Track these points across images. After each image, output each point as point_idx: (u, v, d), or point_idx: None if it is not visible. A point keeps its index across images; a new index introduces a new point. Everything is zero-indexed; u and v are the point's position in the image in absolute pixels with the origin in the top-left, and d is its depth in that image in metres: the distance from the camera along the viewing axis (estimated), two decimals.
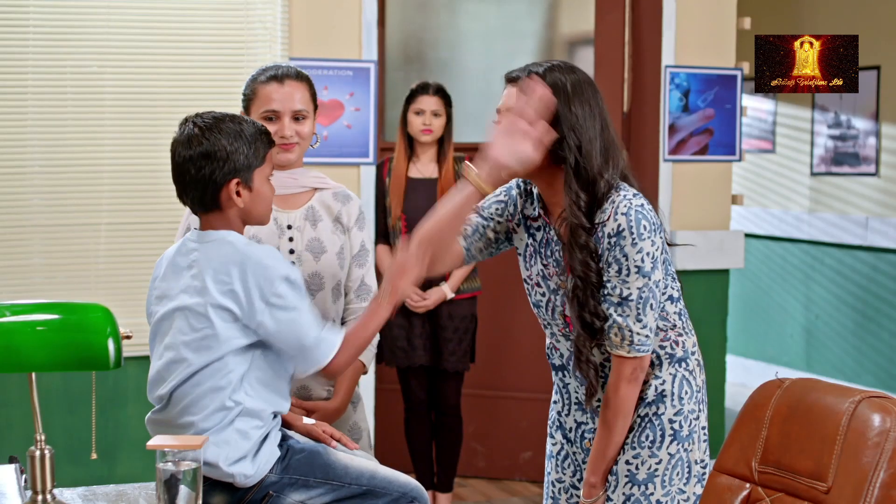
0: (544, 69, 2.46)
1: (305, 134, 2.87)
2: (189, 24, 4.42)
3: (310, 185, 2.93)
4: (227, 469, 2.33)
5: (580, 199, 2.40)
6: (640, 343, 2.41)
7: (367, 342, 2.46)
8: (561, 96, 2.42)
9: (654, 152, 5.13)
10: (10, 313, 2.47)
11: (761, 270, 7.65)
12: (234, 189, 2.39)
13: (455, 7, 5.82)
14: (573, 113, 2.41)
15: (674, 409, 2.48)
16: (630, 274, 2.38)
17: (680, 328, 2.52)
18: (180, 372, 2.36)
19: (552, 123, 2.40)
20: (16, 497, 2.40)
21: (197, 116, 2.44)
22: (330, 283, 2.87)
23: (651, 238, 2.37)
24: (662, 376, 2.49)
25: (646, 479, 2.47)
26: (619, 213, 2.38)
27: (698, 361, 2.56)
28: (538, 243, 2.55)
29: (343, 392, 2.88)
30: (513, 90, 2.46)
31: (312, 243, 2.87)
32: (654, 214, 2.41)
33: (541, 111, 2.38)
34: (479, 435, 5.47)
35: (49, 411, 4.20)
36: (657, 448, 2.47)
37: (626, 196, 2.40)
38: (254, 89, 2.87)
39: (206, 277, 2.34)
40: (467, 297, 4.69)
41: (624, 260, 2.37)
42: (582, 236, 2.39)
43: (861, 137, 6.83)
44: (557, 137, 2.39)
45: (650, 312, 2.40)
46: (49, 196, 4.29)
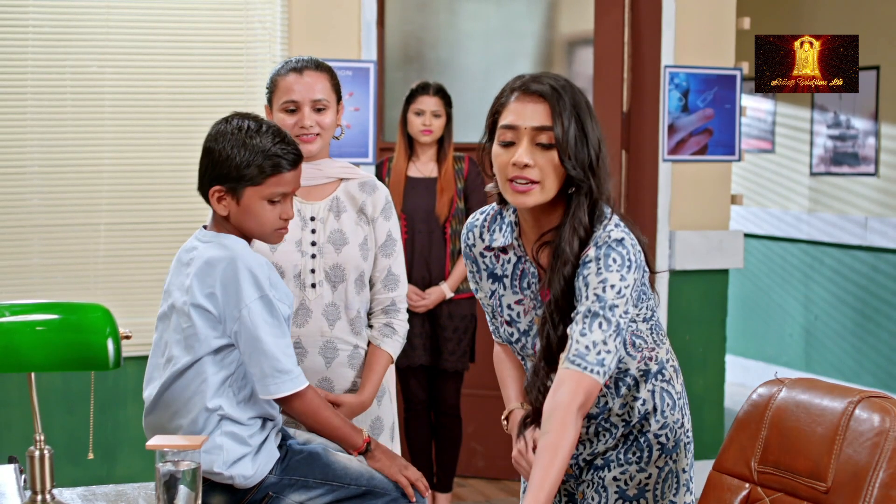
0: (565, 85, 2.26)
1: (327, 125, 2.84)
2: (188, 25, 4.42)
3: (335, 176, 2.90)
4: (227, 471, 2.33)
5: (582, 226, 2.25)
6: (580, 356, 2.16)
7: (325, 424, 2.42)
8: (586, 116, 2.25)
9: (653, 152, 5.13)
10: (9, 313, 2.47)
11: (761, 270, 7.65)
12: (214, 194, 2.40)
13: (454, 7, 5.82)
14: (592, 134, 2.25)
15: (658, 424, 2.41)
16: (587, 298, 2.20)
17: (652, 343, 2.41)
18: (168, 370, 2.37)
19: (577, 150, 2.23)
20: (15, 497, 2.40)
21: (234, 115, 2.43)
22: (353, 275, 2.85)
23: (621, 273, 2.19)
24: (642, 396, 2.39)
25: (637, 495, 2.41)
26: (593, 245, 2.24)
27: (674, 367, 2.46)
28: (511, 276, 2.39)
29: (370, 385, 2.85)
30: (539, 106, 2.23)
31: (334, 235, 2.86)
32: (632, 251, 2.24)
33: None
34: (479, 435, 5.47)
35: (48, 411, 4.20)
36: (645, 463, 2.40)
37: (607, 228, 2.25)
38: (275, 81, 2.85)
39: (195, 277, 2.35)
40: (467, 296, 4.69)
41: (585, 289, 2.21)
42: (569, 268, 2.24)
43: (860, 137, 6.83)
44: (585, 163, 2.23)
45: (597, 330, 2.16)
46: (48, 196, 4.29)
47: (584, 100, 2.28)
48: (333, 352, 2.85)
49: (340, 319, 2.85)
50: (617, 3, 5.17)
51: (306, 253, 2.83)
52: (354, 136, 4.64)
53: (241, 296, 2.30)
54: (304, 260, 2.83)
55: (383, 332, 2.91)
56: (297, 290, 2.82)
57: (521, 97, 2.25)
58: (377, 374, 2.87)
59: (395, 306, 2.93)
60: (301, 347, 2.82)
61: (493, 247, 2.41)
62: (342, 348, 2.86)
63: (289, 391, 2.34)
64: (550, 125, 2.22)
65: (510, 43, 5.72)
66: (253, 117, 2.43)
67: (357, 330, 2.88)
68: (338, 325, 2.85)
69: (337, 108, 2.88)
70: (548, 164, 2.23)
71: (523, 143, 2.23)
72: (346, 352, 2.86)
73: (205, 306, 2.32)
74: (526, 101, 2.24)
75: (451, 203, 4.65)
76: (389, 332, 2.91)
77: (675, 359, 2.51)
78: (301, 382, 2.35)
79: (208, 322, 2.33)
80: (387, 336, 2.91)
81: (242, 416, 2.36)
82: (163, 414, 2.39)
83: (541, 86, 2.24)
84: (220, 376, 2.34)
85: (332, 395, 2.80)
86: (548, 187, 2.24)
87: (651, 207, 5.11)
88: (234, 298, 2.31)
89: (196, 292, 2.33)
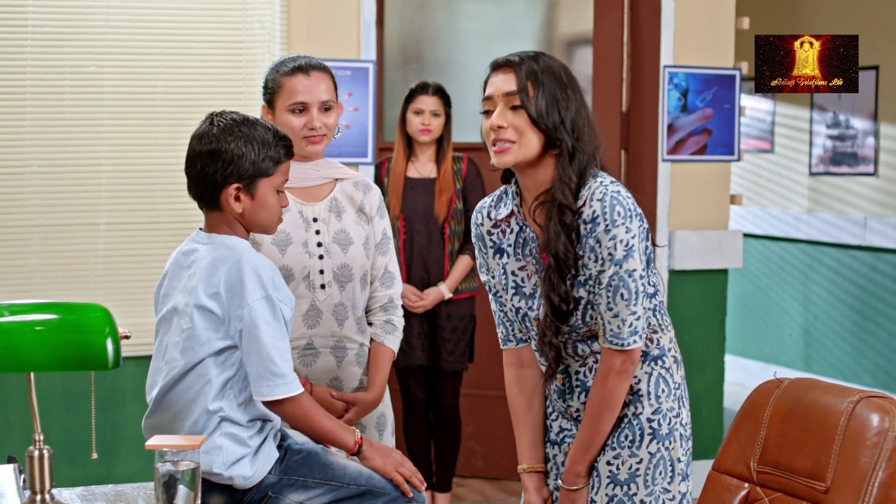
0: (536, 55, 2.45)
1: (332, 125, 2.85)
2: (188, 24, 4.42)
3: (332, 176, 2.91)
4: (226, 472, 2.33)
5: (572, 181, 2.39)
6: (616, 336, 2.39)
7: (317, 428, 2.41)
8: (558, 81, 2.41)
9: (652, 152, 5.13)
10: (8, 313, 2.47)
11: (760, 270, 7.65)
12: (232, 193, 2.38)
13: (454, 7, 5.82)
14: (570, 97, 2.42)
15: (651, 408, 2.46)
16: (603, 262, 2.37)
17: (654, 325, 2.49)
18: (168, 373, 2.36)
19: (547, 107, 2.40)
20: (14, 497, 2.40)
21: (218, 114, 2.42)
22: (358, 274, 2.87)
23: (626, 225, 2.35)
24: (638, 375, 2.47)
25: (627, 480, 2.45)
26: (595, 200, 2.37)
27: (675, 358, 2.53)
28: (514, 244, 2.53)
29: (379, 382, 2.89)
30: (508, 74, 2.42)
31: (339, 235, 2.87)
32: (631, 201, 2.39)
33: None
34: (478, 435, 5.47)
35: (48, 411, 4.20)
36: (637, 448, 2.45)
37: (603, 182, 2.39)
38: (278, 82, 2.83)
39: (199, 278, 2.34)
40: (466, 296, 4.68)
41: (597, 246, 2.36)
42: (568, 216, 2.38)
43: (860, 137, 6.83)
44: (554, 118, 2.39)
45: (621, 302, 2.36)
46: (47, 196, 4.29)
47: (560, 66, 2.45)
48: (343, 351, 2.87)
49: (348, 319, 2.87)
50: (616, 4, 5.17)
51: (314, 254, 2.84)
52: (354, 136, 4.63)
53: (245, 295, 2.30)
54: (312, 261, 2.83)
55: (385, 328, 2.94)
56: (307, 291, 2.82)
57: (494, 70, 2.47)
58: (383, 371, 2.91)
59: (393, 303, 2.98)
60: (313, 349, 2.83)
61: (498, 219, 2.53)
62: (350, 347, 2.88)
63: (281, 395, 2.33)
64: (517, 89, 2.41)
65: (509, 43, 5.72)
66: (232, 113, 2.42)
67: (363, 328, 2.92)
68: (346, 325, 2.87)
69: (337, 108, 2.89)
70: (523, 124, 2.41)
71: (498, 109, 2.43)
72: (353, 350, 2.89)
73: (208, 307, 2.32)
74: (498, 72, 2.46)
75: (450, 203, 4.65)
76: (391, 329, 2.95)
77: (678, 351, 2.56)
78: (294, 388, 2.35)
79: (211, 323, 2.32)
80: (388, 332, 2.95)
81: (242, 417, 2.35)
82: (164, 416, 2.39)
83: (509, 57, 2.46)
84: (223, 378, 2.34)
85: (346, 395, 2.82)
86: (525, 144, 2.41)
87: (650, 207, 5.11)
88: (238, 298, 2.30)
89: (200, 293, 2.32)
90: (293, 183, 2.85)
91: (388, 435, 2.98)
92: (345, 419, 2.79)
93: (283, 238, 2.82)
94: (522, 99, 2.40)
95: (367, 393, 2.87)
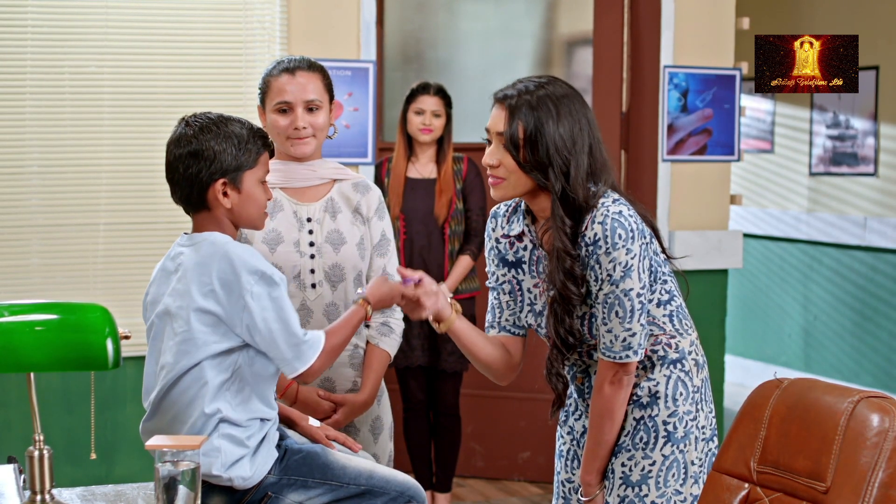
0: (538, 86, 2.42)
1: (320, 125, 2.84)
2: (187, 25, 4.42)
3: (329, 177, 2.91)
4: (225, 473, 2.33)
5: (565, 224, 2.40)
6: (608, 349, 2.42)
7: (341, 346, 2.45)
8: (557, 114, 2.39)
9: (652, 152, 5.13)
10: (8, 313, 2.47)
11: (760, 270, 7.65)
12: (219, 189, 2.39)
13: (454, 7, 5.82)
14: (559, 134, 2.39)
15: (668, 411, 2.48)
16: (602, 282, 2.40)
17: (672, 330, 2.51)
18: (163, 377, 2.36)
19: (536, 146, 2.39)
20: (14, 497, 2.40)
21: (192, 116, 2.44)
22: (351, 274, 2.86)
23: (626, 246, 2.37)
24: (656, 378, 2.49)
25: (639, 481, 2.47)
26: (596, 223, 2.38)
27: (696, 361, 2.53)
28: (528, 262, 2.56)
29: (370, 384, 2.86)
30: (501, 112, 2.43)
31: (332, 235, 2.85)
32: (633, 220, 2.40)
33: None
34: (478, 435, 5.47)
35: (48, 411, 4.20)
36: (650, 450, 2.47)
37: (605, 203, 2.40)
38: (267, 82, 2.85)
39: (190, 280, 2.34)
40: (466, 297, 4.68)
41: (598, 267, 2.39)
42: (566, 261, 2.40)
43: (859, 137, 6.83)
44: (542, 163, 2.39)
45: (615, 319, 2.40)
46: (47, 196, 4.29)
47: (563, 94, 2.41)
48: None
49: None
50: (616, 4, 5.17)
51: (305, 254, 2.83)
52: (353, 137, 4.64)
53: (242, 283, 2.30)
54: (303, 260, 2.83)
55: (381, 331, 2.91)
56: (297, 290, 2.81)
57: (494, 104, 2.48)
58: (377, 374, 2.87)
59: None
60: None
61: (509, 234, 2.58)
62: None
63: (313, 358, 2.36)
64: (505, 134, 2.42)
65: (509, 43, 5.72)
66: (204, 113, 2.44)
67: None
68: None
69: (330, 108, 2.87)
70: (512, 165, 2.43)
71: (492, 146, 2.46)
72: (346, 351, 2.86)
73: (206, 308, 2.31)
74: (495, 107, 2.46)
75: (450, 204, 4.65)
76: (387, 331, 2.92)
77: (702, 354, 2.57)
78: (318, 341, 2.38)
79: (209, 326, 2.32)
80: (384, 335, 2.91)
81: (240, 417, 2.35)
82: (161, 420, 2.38)
83: (507, 92, 2.44)
84: (219, 380, 2.34)
85: (334, 396, 2.81)
86: (514, 183, 2.44)
87: (650, 207, 5.11)
88: (236, 289, 2.30)
89: (195, 295, 2.32)
90: (289, 183, 2.85)
91: (386, 439, 2.95)
92: (332, 420, 2.77)
93: (275, 237, 2.81)
94: (508, 148, 2.41)
95: (357, 394, 2.84)
